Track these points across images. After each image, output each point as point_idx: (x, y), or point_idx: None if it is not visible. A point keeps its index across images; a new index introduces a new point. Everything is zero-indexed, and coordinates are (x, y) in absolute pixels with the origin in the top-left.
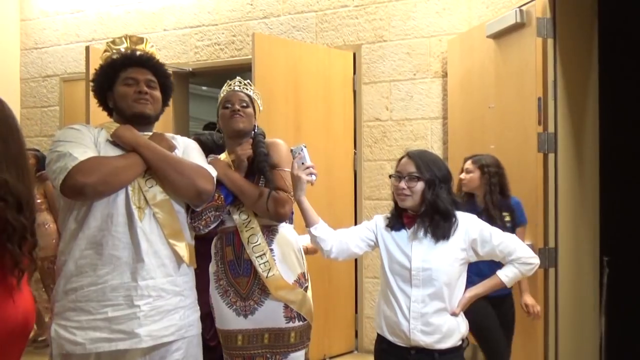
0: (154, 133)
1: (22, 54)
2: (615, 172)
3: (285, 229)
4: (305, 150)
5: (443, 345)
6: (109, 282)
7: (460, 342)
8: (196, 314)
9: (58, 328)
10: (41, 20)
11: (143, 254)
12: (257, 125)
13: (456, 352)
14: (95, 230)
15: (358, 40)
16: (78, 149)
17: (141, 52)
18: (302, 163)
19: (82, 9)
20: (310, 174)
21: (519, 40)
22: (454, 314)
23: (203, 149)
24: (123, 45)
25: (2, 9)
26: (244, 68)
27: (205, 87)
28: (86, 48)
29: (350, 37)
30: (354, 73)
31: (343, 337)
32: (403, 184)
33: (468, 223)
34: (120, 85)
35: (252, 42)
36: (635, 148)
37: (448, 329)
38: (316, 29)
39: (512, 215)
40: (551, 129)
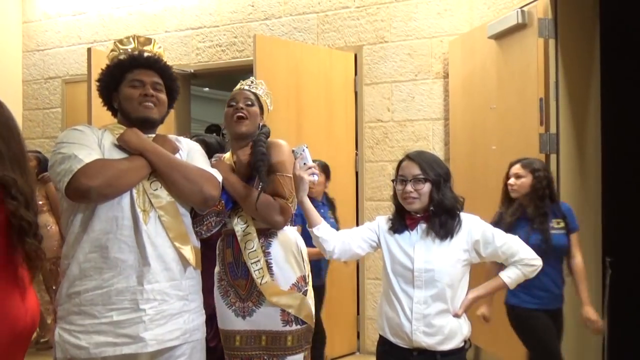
0: (157, 135)
1: (24, 56)
2: (617, 173)
3: (285, 232)
4: (306, 150)
5: (445, 346)
6: (115, 286)
7: (462, 344)
8: (201, 318)
9: (62, 332)
10: (43, 22)
11: (149, 258)
12: (264, 124)
13: (458, 354)
14: (100, 233)
15: (359, 41)
16: (82, 151)
17: (148, 54)
18: (304, 163)
19: (84, 11)
20: (312, 174)
21: (521, 40)
22: (457, 316)
23: (208, 151)
24: (130, 45)
25: (4, 11)
26: (245, 69)
27: (206, 89)
28: (88, 50)
29: (351, 38)
30: (356, 74)
31: (345, 339)
32: (410, 187)
33: (471, 224)
34: (126, 86)
35: (254, 44)
36: (637, 148)
37: (450, 331)
38: (317, 30)
39: (565, 221)
40: (553, 130)
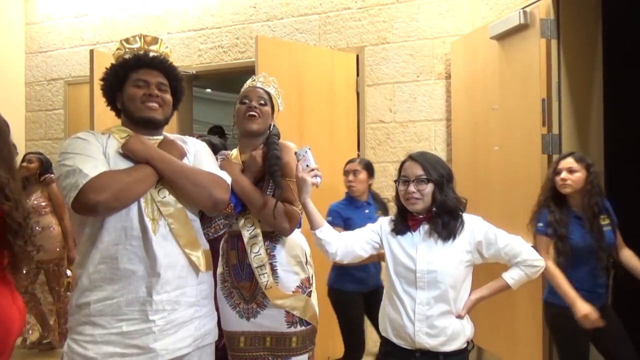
0: (164, 139)
1: (27, 58)
2: (619, 173)
3: (290, 235)
4: (309, 152)
5: (448, 347)
6: (125, 296)
7: (465, 345)
8: (213, 322)
9: (71, 342)
10: (46, 24)
11: (158, 268)
12: (274, 124)
13: (461, 355)
14: (109, 244)
15: (361, 42)
16: (87, 164)
17: (154, 54)
18: (307, 165)
19: (87, 13)
20: (315, 176)
21: (523, 41)
22: (459, 317)
23: (214, 151)
24: (136, 44)
25: (7, 13)
26: (247, 71)
27: (209, 90)
28: (90, 51)
29: (353, 39)
30: (357, 75)
31: None
32: (412, 188)
33: (473, 225)
34: (130, 86)
35: (256, 45)
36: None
37: (453, 332)
38: (319, 31)
39: (609, 217)
40: (555, 131)
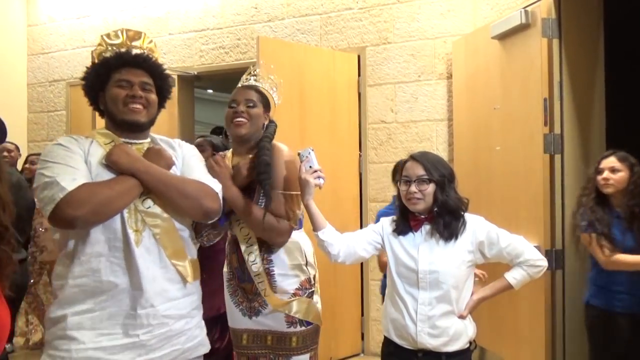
0: (150, 149)
1: (29, 59)
2: None
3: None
4: (312, 153)
5: (450, 348)
6: (107, 310)
7: (467, 345)
8: (204, 332)
9: (47, 358)
10: (48, 25)
11: (142, 281)
12: (272, 120)
13: (463, 355)
14: (91, 256)
15: (362, 42)
16: (67, 176)
17: (137, 51)
18: (310, 167)
19: (88, 14)
20: (317, 178)
21: (524, 41)
22: (462, 317)
23: (215, 151)
24: (118, 40)
25: (9, 15)
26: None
27: (210, 91)
28: (92, 53)
29: (354, 40)
30: (359, 75)
31: (349, 340)
32: (414, 188)
33: (475, 225)
34: (112, 87)
35: (257, 46)
36: None
37: (455, 332)
38: (320, 32)
39: None
40: (557, 130)
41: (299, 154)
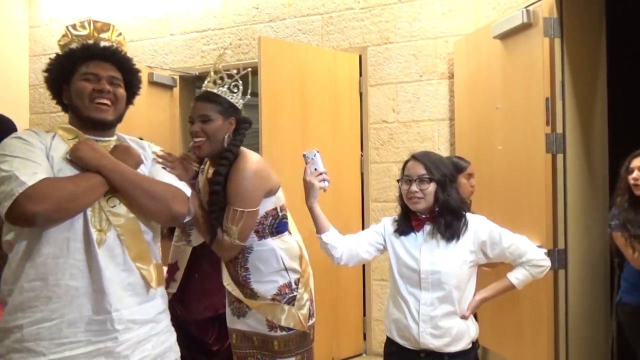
0: (118, 146)
1: (31, 61)
2: None
3: (261, 244)
4: (318, 155)
5: (453, 348)
6: (66, 317)
7: (470, 345)
8: (173, 337)
9: None
10: (49, 27)
11: (105, 283)
12: (244, 120)
13: (466, 356)
14: (47, 257)
15: (364, 42)
16: (26, 170)
17: (106, 43)
18: (315, 169)
19: (90, 16)
20: (322, 180)
21: (526, 40)
22: (464, 317)
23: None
24: (85, 31)
25: (11, 16)
26: (251, 72)
27: None
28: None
29: (356, 40)
30: (360, 75)
31: (351, 340)
32: (415, 187)
33: (477, 225)
34: (77, 80)
35: (258, 46)
36: None
37: (458, 332)
38: (322, 32)
39: None
40: (559, 130)
41: (304, 156)
